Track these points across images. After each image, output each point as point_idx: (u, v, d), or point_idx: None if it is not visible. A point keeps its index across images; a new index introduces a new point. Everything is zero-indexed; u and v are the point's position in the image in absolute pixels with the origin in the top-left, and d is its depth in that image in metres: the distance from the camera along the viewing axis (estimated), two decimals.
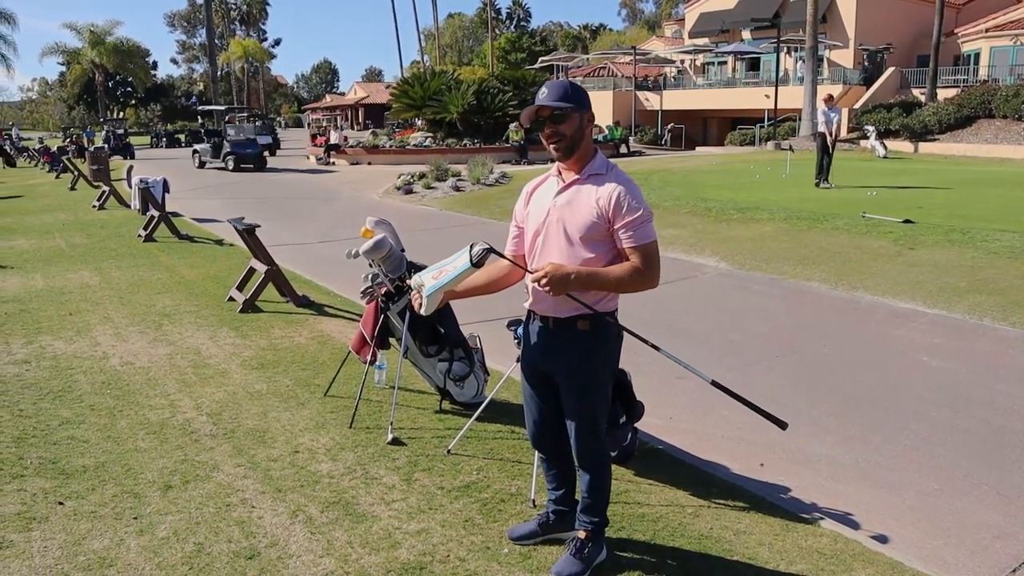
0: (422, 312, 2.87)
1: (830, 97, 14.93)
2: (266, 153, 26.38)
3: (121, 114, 66.67)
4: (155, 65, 77.85)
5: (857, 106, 27.68)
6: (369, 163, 25.63)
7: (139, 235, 10.90)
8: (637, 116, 35.56)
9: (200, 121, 54.31)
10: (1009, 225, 9.60)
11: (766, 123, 29.94)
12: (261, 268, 6.86)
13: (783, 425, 2.50)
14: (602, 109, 34.77)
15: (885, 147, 22.46)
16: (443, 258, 2.83)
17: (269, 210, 14.69)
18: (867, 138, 23.75)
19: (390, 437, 3.98)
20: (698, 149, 30.97)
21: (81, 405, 4.48)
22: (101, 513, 3.24)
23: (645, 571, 2.88)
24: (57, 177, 23.31)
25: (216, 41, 58.10)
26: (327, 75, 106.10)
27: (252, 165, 24.53)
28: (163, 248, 10.17)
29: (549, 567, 2.85)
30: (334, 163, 26.31)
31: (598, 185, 2.56)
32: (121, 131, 37.84)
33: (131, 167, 16.66)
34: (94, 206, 14.85)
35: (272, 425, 4.20)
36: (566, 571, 2.78)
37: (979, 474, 3.88)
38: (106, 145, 31.36)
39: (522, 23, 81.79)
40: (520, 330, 2.97)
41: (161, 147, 44.49)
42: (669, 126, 34.29)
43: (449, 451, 3.86)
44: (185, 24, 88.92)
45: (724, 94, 34.89)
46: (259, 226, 6.80)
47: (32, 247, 10.35)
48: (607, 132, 29.21)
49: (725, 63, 38.49)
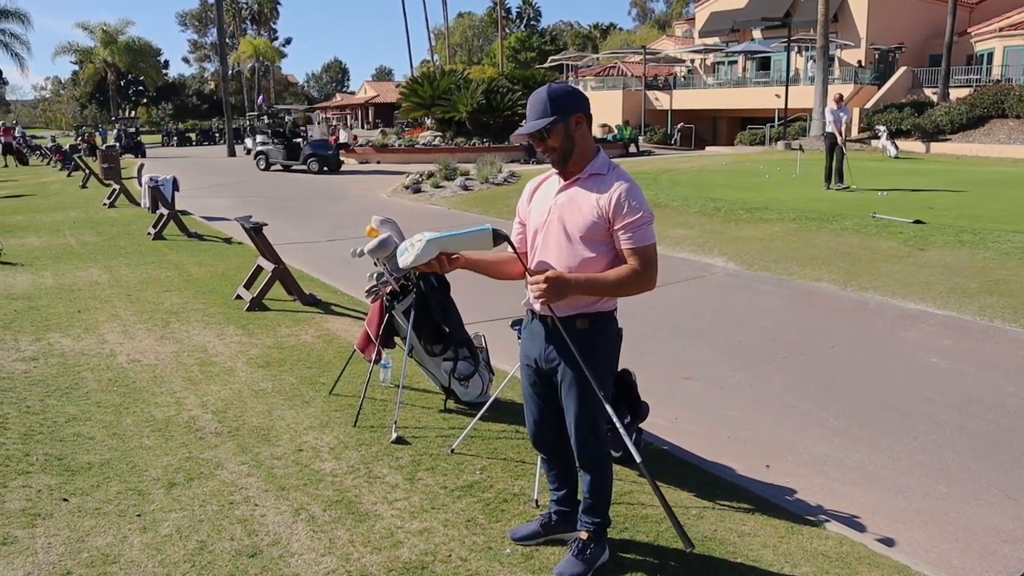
0: (401, 261, 2.65)
1: (840, 97, 14.81)
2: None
3: (133, 113, 67.08)
4: (167, 64, 78.45)
5: (868, 106, 27.49)
6: (378, 162, 25.68)
7: (148, 233, 10.96)
8: (647, 116, 35.46)
9: (211, 121, 54.50)
10: (1021, 226, 9.51)
11: (776, 123, 29.79)
12: (268, 266, 6.88)
13: (689, 545, 2.37)
14: (612, 109, 34.76)
15: (896, 147, 22.31)
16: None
17: (278, 209, 14.74)
18: (878, 138, 23.59)
19: (394, 436, 3.98)
20: (708, 149, 30.86)
21: (88, 402, 4.50)
22: (105, 510, 3.25)
23: (647, 572, 2.86)
24: (69, 175, 23.45)
25: (227, 40, 58.31)
26: (337, 74, 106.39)
27: (327, 167, 22.99)
28: (172, 246, 10.22)
29: (551, 568, 2.84)
30: (343, 162, 26.35)
31: (599, 185, 2.55)
32: (132, 130, 38.05)
33: (142, 165, 16.75)
34: (105, 204, 14.94)
35: (276, 423, 4.20)
36: (568, 572, 2.77)
37: (988, 477, 3.84)
38: (117, 144, 31.57)
39: (532, 22, 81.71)
40: (522, 330, 2.96)
41: (172, 146, 44.73)
42: (679, 126, 34.18)
43: (453, 450, 3.85)
44: (196, 23, 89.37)
45: (734, 94, 34.73)
46: (266, 224, 6.81)
47: (43, 245, 10.42)
48: (616, 132, 29.15)
49: (735, 62, 38.33)
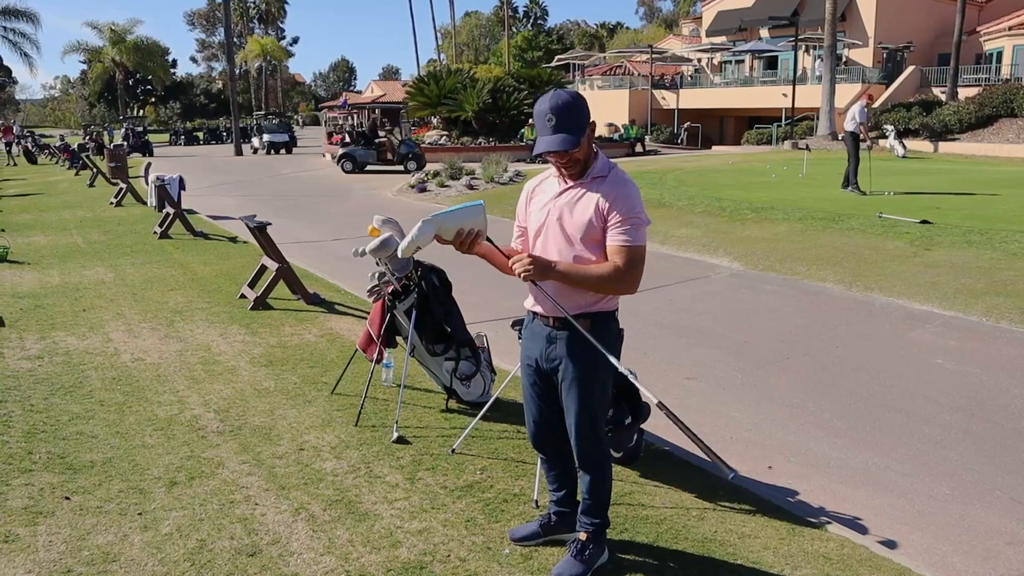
0: (400, 249, 2.58)
1: (871, 97, 14.27)
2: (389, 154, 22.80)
3: (141, 112, 67.42)
4: (175, 63, 78.53)
5: (876, 105, 27.35)
6: None
7: (155, 232, 10.99)
8: (653, 115, 35.41)
9: (219, 120, 54.54)
10: None
11: (783, 122, 29.69)
12: (272, 266, 6.89)
13: (730, 473, 2.35)
14: (618, 108, 34.74)
15: (904, 146, 22.20)
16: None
17: (284, 207, 14.77)
18: (886, 137, 23.48)
19: (395, 436, 3.98)
20: (714, 148, 30.79)
21: (91, 401, 4.51)
22: (106, 508, 3.26)
23: (647, 574, 2.85)
24: (77, 174, 23.55)
25: (235, 40, 58.49)
26: (344, 73, 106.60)
27: (418, 164, 21.97)
28: (178, 245, 10.25)
29: (550, 568, 2.84)
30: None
31: (600, 187, 2.54)
32: (140, 129, 38.23)
33: (149, 164, 16.80)
34: (111, 203, 15.00)
35: (278, 422, 4.21)
36: (567, 572, 2.76)
37: (992, 479, 3.82)
38: (125, 143, 31.71)
39: (539, 21, 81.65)
40: (523, 330, 2.95)
41: (180, 145, 44.91)
42: (685, 125, 34.11)
43: (454, 450, 3.85)
44: (204, 23, 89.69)
45: (741, 93, 34.65)
46: (270, 224, 6.83)
47: (49, 243, 10.47)
48: (623, 131, 29.11)
49: (742, 62, 38.24)
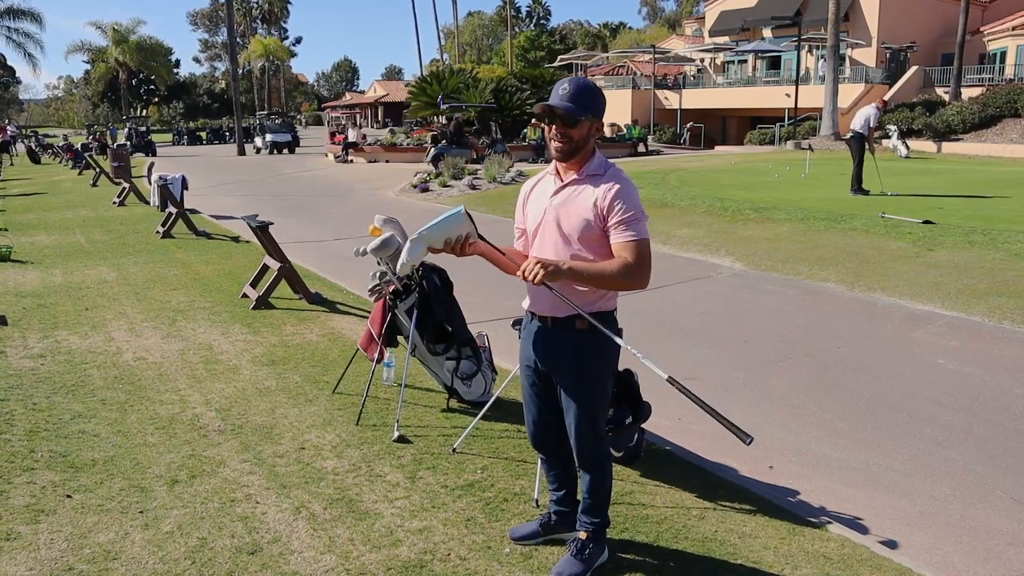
0: (399, 267, 2.68)
1: (884, 102, 13.99)
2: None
3: (144, 112, 67.55)
4: (178, 63, 78.73)
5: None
6: (387, 161, 25.73)
7: (157, 231, 11.02)
8: (656, 115, 35.40)
9: (222, 120, 54.57)
10: None
11: (786, 122, 29.66)
12: (274, 265, 6.90)
13: (747, 439, 2.31)
14: (621, 108, 34.70)
15: (907, 147, 22.17)
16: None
17: (286, 207, 14.79)
18: (888, 137, 23.45)
19: (396, 435, 3.98)
20: (717, 148, 30.76)
21: (93, 399, 4.53)
22: (108, 507, 3.27)
23: (647, 573, 2.85)
24: (80, 174, 23.62)
25: (238, 40, 58.57)
26: (347, 73, 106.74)
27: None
28: (180, 244, 10.27)
29: (550, 567, 2.84)
30: (352, 160, 26.44)
31: (595, 185, 2.54)
32: (143, 129, 38.29)
33: (152, 164, 16.84)
34: (114, 203, 15.03)
35: (280, 421, 4.22)
36: (567, 572, 2.76)
37: (993, 479, 3.81)
38: (128, 142, 31.76)
39: (542, 21, 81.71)
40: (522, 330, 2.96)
41: (183, 144, 44.97)
42: (688, 125, 34.09)
43: (454, 450, 3.85)
44: (207, 23, 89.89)
45: (744, 93, 34.62)
46: (272, 223, 6.84)
47: (52, 243, 10.49)
48: (625, 131, 29.09)
49: (745, 62, 38.21)
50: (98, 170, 20.31)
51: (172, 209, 11.19)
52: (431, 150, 21.76)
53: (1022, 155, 21.40)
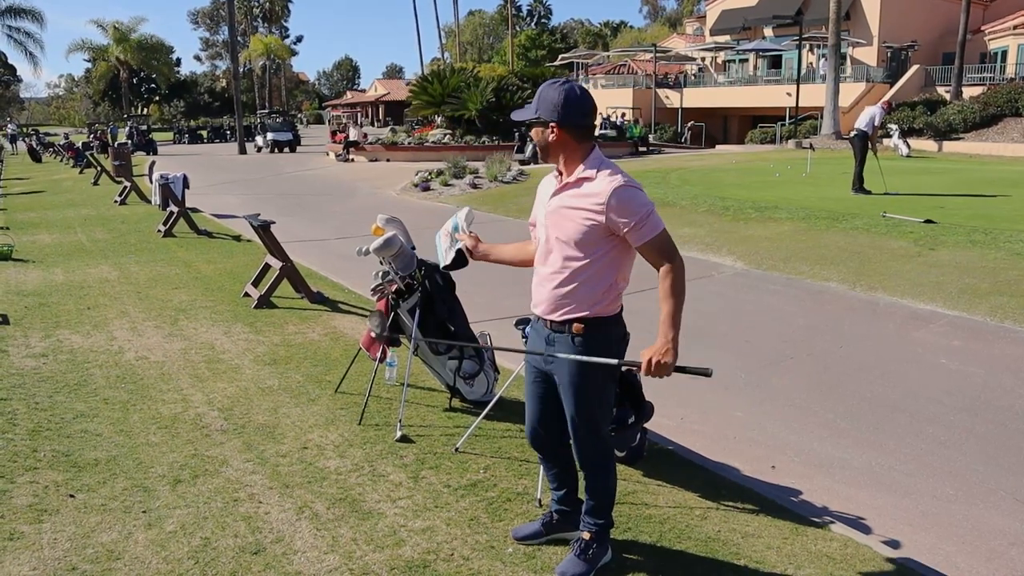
0: (442, 261, 3.20)
1: (889, 104, 13.88)
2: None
3: (145, 110, 67.53)
4: (179, 62, 78.77)
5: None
6: (388, 160, 25.73)
7: (158, 230, 11.02)
8: (657, 114, 35.36)
9: (222, 118, 54.55)
10: None
11: (787, 121, 29.63)
12: (276, 264, 6.90)
13: (707, 372, 2.54)
14: (622, 106, 34.65)
15: (908, 146, 22.14)
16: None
17: (288, 206, 14.79)
18: (890, 137, 23.42)
19: (398, 434, 3.98)
20: (718, 147, 30.72)
21: (95, 399, 4.53)
22: (111, 506, 3.27)
23: (649, 573, 2.85)
24: (81, 172, 23.62)
25: (239, 38, 58.59)
26: (348, 72, 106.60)
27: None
28: (181, 244, 10.27)
29: (553, 567, 2.84)
30: (353, 159, 26.44)
31: (588, 188, 2.52)
32: (144, 127, 38.30)
33: (153, 163, 16.83)
34: (115, 201, 15.03)
35: (282, 421, 4.22)
36: (570, 572, 2.76)
37: (996, 479, 3.81)
38: (129, 141, 31.76)
39: (543, 20, 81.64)
40: (528, 329, 2.97)
41: (184, 143, 44.97)
42: (689, 124, 34.06)
43: (457, 449, 3.85)
44: (208, 21, 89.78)
45: (745, 92, 34.58)
46: (274, 223, 6.83)
47: (54, 242, 10.50)
48: (625, 123, 29.08)
49: (746, 60, 38.17)
50: (99, 169, 20.31)
51: (173, 208, 11.19)
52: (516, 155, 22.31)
53: (1023, 154, 21.38)
